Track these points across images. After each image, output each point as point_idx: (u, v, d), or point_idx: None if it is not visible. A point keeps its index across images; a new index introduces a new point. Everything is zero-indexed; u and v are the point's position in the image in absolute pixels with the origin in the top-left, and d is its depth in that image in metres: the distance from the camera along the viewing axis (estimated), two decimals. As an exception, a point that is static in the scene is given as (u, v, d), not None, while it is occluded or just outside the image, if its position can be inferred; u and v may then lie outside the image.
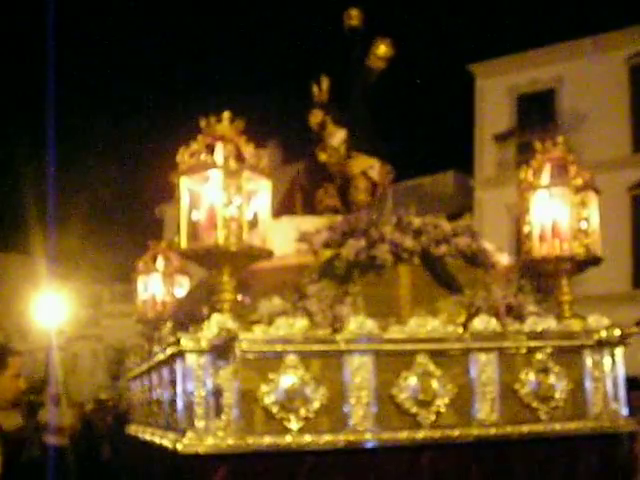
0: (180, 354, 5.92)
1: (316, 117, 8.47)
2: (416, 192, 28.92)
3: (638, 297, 26.25)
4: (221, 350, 5.71)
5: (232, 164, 6.06)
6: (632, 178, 27.31)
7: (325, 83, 8.54)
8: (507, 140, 30.53)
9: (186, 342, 5.82)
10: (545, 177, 7.06)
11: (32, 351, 42.19)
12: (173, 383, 6.28)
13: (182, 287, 9.86)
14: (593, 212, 7.03)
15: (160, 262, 9.92)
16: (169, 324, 7.29)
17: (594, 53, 29.14)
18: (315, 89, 8.60)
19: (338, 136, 8.30)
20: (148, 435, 7.63)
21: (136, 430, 8.96)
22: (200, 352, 5.79)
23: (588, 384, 6.70)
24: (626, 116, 28.60)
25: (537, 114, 30.19)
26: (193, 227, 6.18)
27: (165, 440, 6.46)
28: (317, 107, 8.52)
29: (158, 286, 9.92)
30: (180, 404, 5.98)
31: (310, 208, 8.36)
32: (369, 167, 8.24)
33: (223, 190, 6.02)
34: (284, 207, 8.54)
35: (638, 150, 28.26)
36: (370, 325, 6.12)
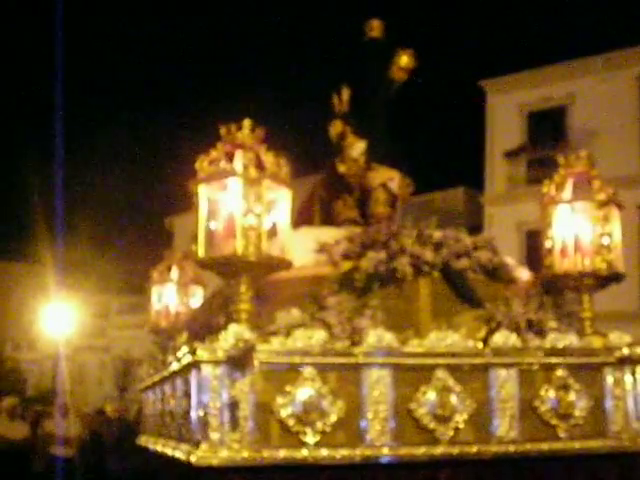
0: (196, 364, 5.83)
1: (336, 128, 8.40)
2: (426, 208, 28.82)
3: None
4: (238, 361, 5.63)
5: (252, 172, 5.99)
6: None
7: (346, 94, 8.47)
8: (518, 157, 30.55)
9: (202, 352, 5.74)
10: (568, 192, 6.96)
11: (40, 361, 42.25)
12: (187, 394, 6.19)
13: (196, 297, 9.79)
14: (615, 227, 6.93)
15: (175, 272, 9.86)
16: (184, 334, 7.20)
17: (605, 71, 29.18)
18: (335, 100, 8.53)
19: (358, 147, 8.22)
20: (160, 446, 7.53)
21: (147, 441, 8.86)
22: (216, 363, 5.71)
23: (609, 402, 6.60)
24: (636, 134, 28.60)
25: (548, 131, 30.23)
26: (211, 236, 6.10)
27: (178, 452, 6.37)
28: (337, 118, 8.45)
29: (172, 296, 9.85)
30: (194, 415, 5.89)
31: (328, 219, 8.28)
32: (389, 179, 8.17)
33: (242, 198, 5.95)
34: (302, 218, 8.44)
35: None
36: (389, 338, 6.04)
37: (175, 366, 6.68)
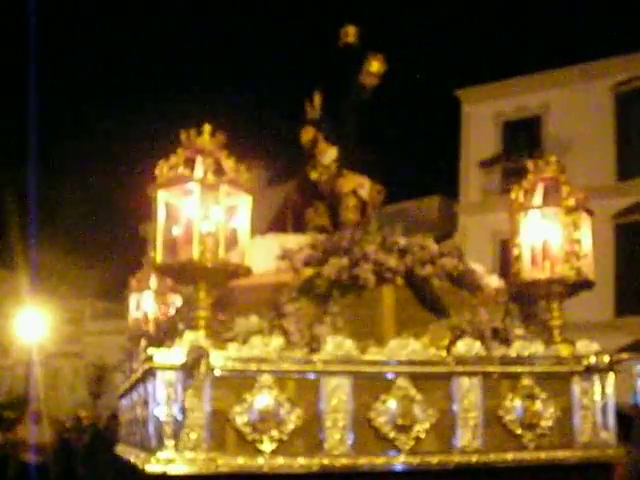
0: (151, 371, 5.77)
1: (308, 134, 8.33)
2: (400, 216, 28.79)
3: (620, 325, 26.24)
4: (190, 368, 5.55)
5: (210, 178, 5.92)
6: (616, 206, 27.37)
7: (318, 100, 8.42)
8: (492, 166, 30.70)
9: (157, 359, 5.68)
10: (537, 198, 6.87)
11: (12, 366, 42.20)
12: (146, 401, 6.14)
13: (174, 305, 9.72)
14: (585, 234, 6.83)
15: (153, 280, 9.79)
16: (143, 341, 7.15)
17: (580, 81, 29.33)
18: (308, 106, 8.48)
19: (329, 154, 8.17)
20: (127, 454, 7.48)
21: (121, 450, 8.80)
22: (170, 369, 5.64)
23: (576, 412, 6.48)
24: (611, 144, 28.80)
25: (523, 141, 30.39)
26: (170, 242, 6.04)
27: (138, 460, 6.30)
28: (309, 124, 8.39)
29: (151, 304, 9.78)
30: (151, 422, 5.83)
31: (300, 226, 8.21)
32: (359, 186, 8.10)
33: (200, 204, 5.88)
34: (275, 225, 8.40)
35: (622, 178, 28.42)
36: (348, 346, 5.95)
37: (137, 373, 6.63)
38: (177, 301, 9.73)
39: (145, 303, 9.81)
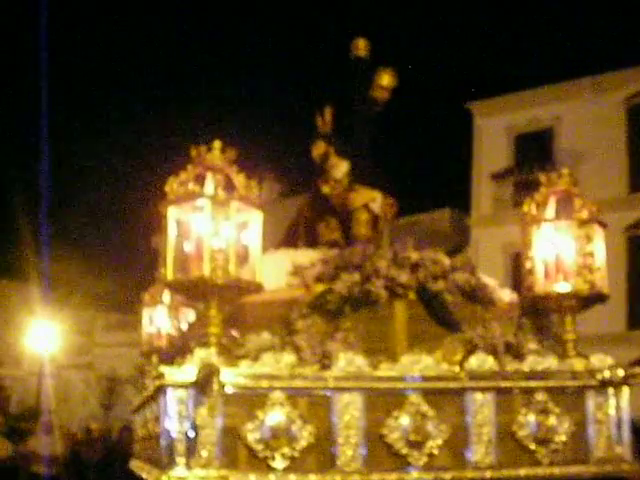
0: (162, 388, 5.76)
1: (319, 148, 8.31)
2: (412, 229, 28.75)
3: (633, 338, 26.09)
4: (201, 385, 5.53)
5: (221, 194, 5.92)
6: (628, 219, 27.23)
7: (329, 114, 8.39)
8: (504, 179, 30.57)
9: (168, 376, 5.67)
10: (550, 211, 6.84)
11: (24, 378, 42.20)
12: (158, 418, 6.12)
13: (187, 320, 9.71)
14: (598, 247, 6.78)
15: (166, 294, 9.78)
16: (155, 357, 7.14)
17: (592, 93, 29.20)
18: (319, 120, 8.45)
19: (341, 168, 8.14)
20: (141, 471, 7.46)
21: (135, 466, 8.78)
22: (181, 386, 5.63)
23: (591, 426, 6.43)
24: (623, 156, 28.65)
25: (535, 153, 30.21)
26: (182, 258, 6.03)
27: (150, 477, 6.29)
28: (320, 138, 8.36)
29: (164, 319, 9.78)
30: (163, 440, 5.80)
31: (313, 241, 8.18)
32: (371, 200, 8.07)
33: (211, 220, 5.87)
34: (288, 240, 8.38)
35: (635, 191, 28.26)
36: (360, 362, 5.93)
37: (149, 390, 6.62)
38: (190, 316, 9.74)
39: (158, 318, 9.81)
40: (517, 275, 7.01)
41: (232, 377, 5.71)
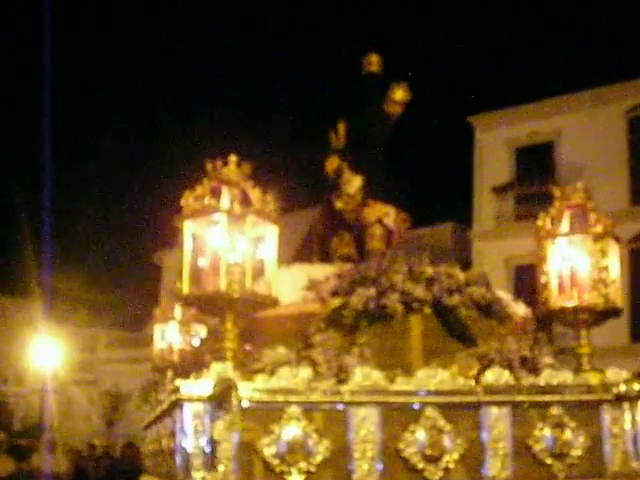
0: (178, 403, 5.75)
1: (332, 163, 8.32)
2: (414, 244, 28.72)
3: (637, 351, 25.88)
4: (218, 400, 5.52)
5: (237, 208, 5.93)
6: (631, 231, 27.08)
7: (342, 129, 8.40)
8: (506, 192, 30.48)
9: (185, 390, 5.66)
10: (565, 224, 6.83)
11: (27, 395, 42.15)
12: (173, 433, 6.11)
13: (199, 336, 9.71)
14: (613, 261, 6.79)
15: (177, 310, 9.78)
16: (170, 372, 7.13)
17: (593, 106, 29.14)
18: (332, 135, 8.46)
19: (354, 183, 8.14)
20: (154, 486, 7.46)
21: (147, 481, 8.78)
22: (198, 401, 5.62)
23: (607, 440, 6.41)
24: (624, 169, 28.54)
25: (536, 167, 30.13)
26: (197, 272, 6.03)
27: (165, 492, 6.29)
28: (333, 153, 8.36)
29: (175, 334, 9.78)
30: (179, 454, 5.79)
31: (326, 256, 8.18)
32: (384, 215, 8.07)
33: (227, 235, 5.88)
34: (301, 255, 8.38)
35: (636, 203, 28.11)
36: (376, 376, 5.92)
37: (164, 404, 6.61)
38: (202, 331, 9.74)
39: (170, 333, 9.81)
40: (520, 289, 7.00)
41: (248, 391, 5.70)
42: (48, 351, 32.06)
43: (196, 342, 9.56)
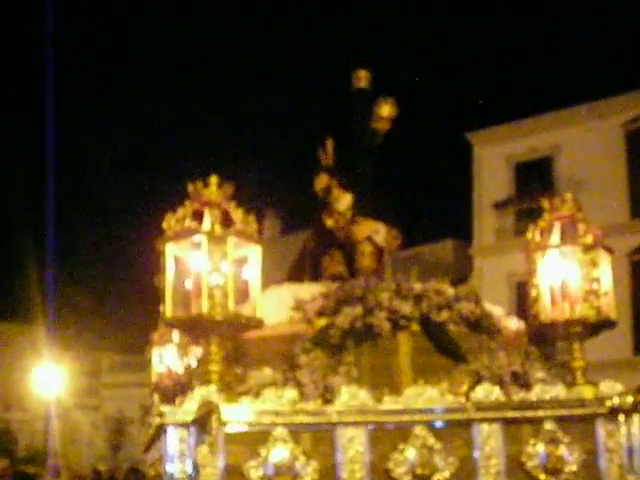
0: (164, 427, 5.70)
1: (321, 182, 8.24)
2: (415, 261, 28.66)
3: (639, 364, 25.70)
4: (200, 423, 5.46)
5: (217, 229, 5.87)
6: (631, 244, 26.97)
7: (330, 146, 8.33)
8: (505, 208, 30.41)
9: (169, 415, 5.62)
10: (555, 236, 6.75)
11: (31, 421, 42.16)
12: (161, 457, 6.05)
13: (196, 359, 9.65)
14: (605, 272, 6.70)
15: (175, 333, 9.71)
16: (156, 396, 7.08)
17: (590, 120, 29.06)
18: (321, 153, 8.39)
19: (344, 201, 8.07)
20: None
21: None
22: (181, 425, 5.57)
23: (602, 455, 6.30)
24: (624, 182, 28.43)
25: (535, 182, 30.04)
26: (181, 295, 5.98)
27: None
28: (323, 171, 8.29)
29: (173, 358, 9.70)
30: (166, 479, 5.74)
31: (318, 275, 8.10)
32: (374, 232, 7.98)
33: (208, 257, 5.83)
34: (294, 274, 8.31)
35: (636, 215, 28.01)
36: (363, 395, 5.86)
37: (151, 429, 6.56)
38: (199, 354, 9.67)
39: (168, 357, 9.74)
40: (522, 304, 6.91)
41: (233, 414, 5.65)
42: (51, 377, 32.05)
43: (194, 365, 9.51)
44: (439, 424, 6.01)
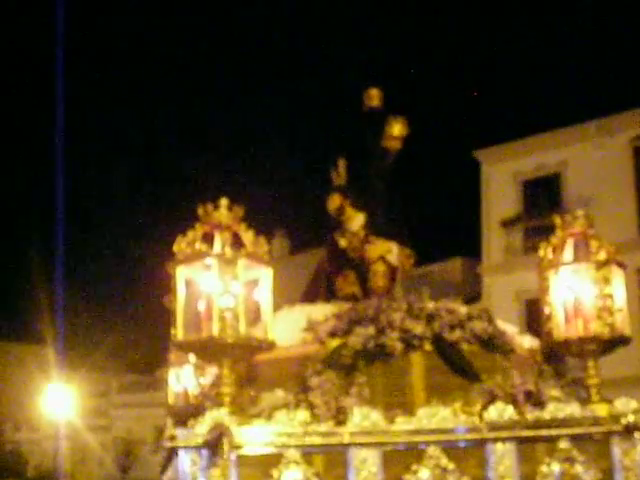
0: (175, 450, 5.70)
1: (334, 202, 8.23)
2: (425, 280, 28.58)
3: None
4: (212, 446, 5.46)
5: (228, 252, 5.88)
6: None
7: (342, 166, 8.32)
8: (514, 225, 30.22)
9: (181, 437, 5.62)
10: (568, 253, 6.71)
11: (40, 441, 42.15)
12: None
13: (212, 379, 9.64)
14: (618, 288, 6.66)
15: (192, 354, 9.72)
16: (169, 419, 7.07)
17: (598, 136, 28.85)
18: (333, 173, 8.39)
19: (357, 221, 8.06)
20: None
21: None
22: (194, 448, 5.56)
23: (618, 473, 6.23)
24: (632, 198, 28.19)
25: (543, 199, 29.86)
26: (192, 318, 5.98)
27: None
28: (335, 191, 8.29)
29: (190, 379, 9.70)
30: (178, 503, 5.73)
31: (332, 295, 8.09)
32: (387, 252, 7.97)
33: (219, 279, 5.84)
34: (308, 295, 8.31)
35: None
36: (375, 416, 5.83)
37: (165, 452, 6.56)
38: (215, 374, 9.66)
39: (184, 378, 9.74)
40: (531, 322, 6.87)
41: (246, 436, 5.64)
42: (61, 397, 32.06)
43: (208, 386, 9.51)
44: (452, 444, 5.98)
